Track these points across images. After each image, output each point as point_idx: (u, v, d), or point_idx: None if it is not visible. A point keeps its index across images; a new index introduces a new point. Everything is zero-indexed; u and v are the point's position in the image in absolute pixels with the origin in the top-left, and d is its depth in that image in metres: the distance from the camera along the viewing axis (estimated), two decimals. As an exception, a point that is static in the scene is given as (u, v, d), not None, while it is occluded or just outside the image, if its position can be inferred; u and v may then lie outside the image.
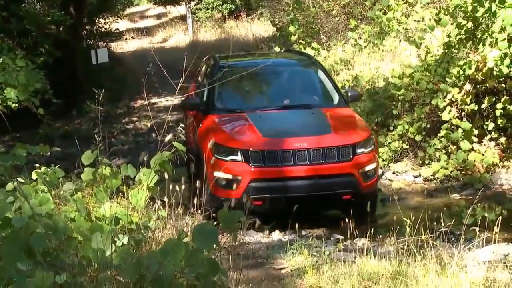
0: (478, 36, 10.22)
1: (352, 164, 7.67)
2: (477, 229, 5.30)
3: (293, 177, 7.61)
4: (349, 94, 9.01)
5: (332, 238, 6.95)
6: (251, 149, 7.64)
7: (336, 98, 8.98)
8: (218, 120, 8.39)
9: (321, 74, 9.39)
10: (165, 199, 4.96)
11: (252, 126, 8.05)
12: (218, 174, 7.54)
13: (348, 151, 7.70)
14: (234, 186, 6.79)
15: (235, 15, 26.17)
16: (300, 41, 14.77)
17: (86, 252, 3.53)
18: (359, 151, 7.75)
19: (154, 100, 16.38)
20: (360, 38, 14.50)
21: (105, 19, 20.15)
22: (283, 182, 7.65)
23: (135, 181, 5.07)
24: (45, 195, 4.63)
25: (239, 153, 7.63)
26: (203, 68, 10.22)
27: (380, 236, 5.38)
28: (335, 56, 14.09)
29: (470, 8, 10.00)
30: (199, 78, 10.09)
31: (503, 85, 9.90)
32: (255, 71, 8.68)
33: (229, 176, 7.58)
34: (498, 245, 5.92)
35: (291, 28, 14.93)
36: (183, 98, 9.08)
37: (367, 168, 7.79)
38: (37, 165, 5.25)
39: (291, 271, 5.63)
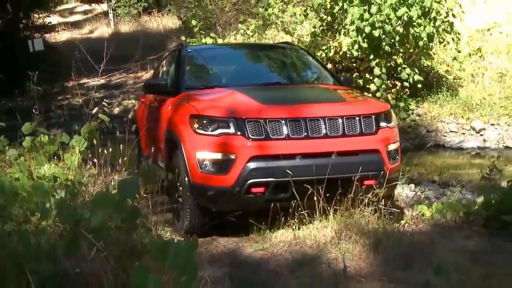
0: (336, 28, 10.51)
1: (378, 138, 4.77)
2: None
3: (306, 155, 4.53)
4: (341, 78, 6.15)
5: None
6: (247, 117, 4.51)
7: (331, 80, 5.95)
8: (195, 94, 5.20)
9: (308, 57, 6.45)
10: (95, 160, 4.85)
11: (244, 95, 4.91)
12: (201, 155, 4.55)
13: (372, 121, 4.79)
14: (225, 169, 4.42)
15: (148, 11, 25.41)
16: (201, 32, 14.55)
17: (30, 205, 3.39)
18: (382, 124, 4.86)
19: (84, 80, 15.69)
20: (248, 29, 14.49)
21: (39, 15, 18.96)
22: (293, 160, 4.49)
23: (69, 146, 5.00)
24: (-8, 160, 4.39)
25: (231, 124, 4.51)
26: (167, 59, 6.71)
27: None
28: (228, 43, 14.02)
29: (329, 6, 10.27)
30: (161, 71, 6.81)
31: (354, 64, 10.30)
32: (234, 52, 6.42)
33: (218, 156, 4.50)
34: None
35: (193, 22, 14.67)
36: (146, 80, 6.22)
37: (391, 146, 4.89)
38: (-16, 137, 5.00)
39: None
